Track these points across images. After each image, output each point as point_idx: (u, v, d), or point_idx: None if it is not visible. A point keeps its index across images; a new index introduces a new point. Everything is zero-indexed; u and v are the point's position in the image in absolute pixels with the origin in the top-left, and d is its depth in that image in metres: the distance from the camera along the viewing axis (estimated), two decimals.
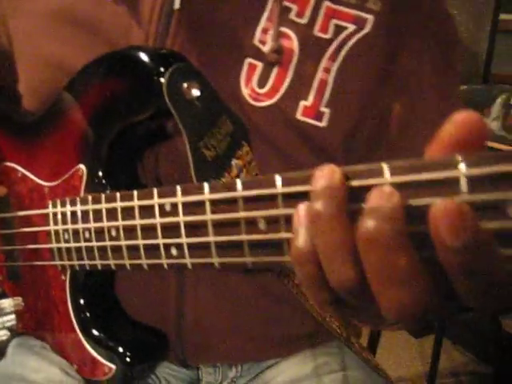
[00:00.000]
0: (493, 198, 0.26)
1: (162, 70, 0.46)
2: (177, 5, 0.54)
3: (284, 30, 0.55)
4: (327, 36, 0.55)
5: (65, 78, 0.56)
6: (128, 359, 0.54)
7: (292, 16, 0.55)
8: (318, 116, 0.55)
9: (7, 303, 0.70)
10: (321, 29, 0.55)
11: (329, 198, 0.29)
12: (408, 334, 2.05)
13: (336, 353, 0.69)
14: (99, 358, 0.56)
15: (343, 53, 0.55)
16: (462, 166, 0.26)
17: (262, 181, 0.35)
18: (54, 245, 0.57)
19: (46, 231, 0.58)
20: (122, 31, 0.56)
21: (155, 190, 0.44)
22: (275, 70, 0.55)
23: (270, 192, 0.35)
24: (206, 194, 0.39)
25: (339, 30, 0.55)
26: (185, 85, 0.46)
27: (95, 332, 0.57)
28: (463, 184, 0.26)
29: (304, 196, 0.32)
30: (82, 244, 0.53)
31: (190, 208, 0.41)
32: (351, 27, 0.55)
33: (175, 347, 0.63)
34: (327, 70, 0.55)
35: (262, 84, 0.55)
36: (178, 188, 0.42)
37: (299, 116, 0.55)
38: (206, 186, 0.39)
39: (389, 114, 0.57)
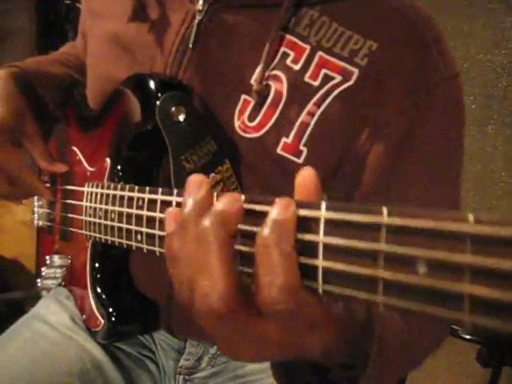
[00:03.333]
0: None
1: (159, 94, 0.58)
2: (190, 44, 0.66)
3: (278, 73, 0.63)
4: (316, 83, 0.62)
5: (112, 89, 0.71)
6: (113, 318, 0.68)
7: (288, 61, 0.63)
8: (297, 153, 0.62)
9: (58, 258, 0.88)
10: (311, 76, 0.62)
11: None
12: (475, 362, 2.00)
13: None
14: (96, 312, 0.70)
15: (328, 100, 0.61)
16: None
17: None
18: (83, 217, 0.72)
19: (82, 206, 0.74)
20: (148, 58, 0.69)
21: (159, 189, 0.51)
22: (265, 108, 0.63)
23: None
24: (159, 194, 0.51)
25: (327, 79, 0.62)
26: (173, 109, 0.57)
27: (99, 291, 0.71)
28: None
29: None
30: (108, 222, 0.65)
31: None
32: (338, 78, 0.61)
33: (165, 317, 0.75)
34: (311, 114, 0.62)
35: (251, 118, 0.64)
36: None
37: (279, 150, 0.63)
38: (159, 190, 0.51)
39: (365, 160, 0.62)
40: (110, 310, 0.68)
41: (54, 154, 0.90)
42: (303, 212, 0.32)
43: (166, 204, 0.49)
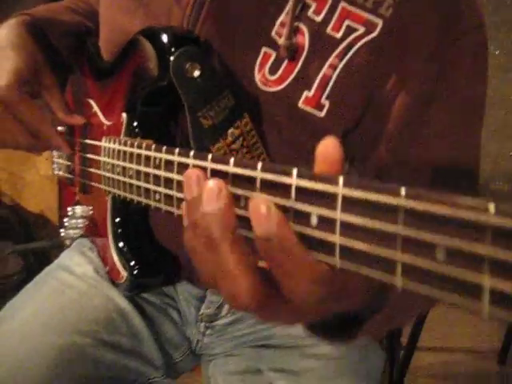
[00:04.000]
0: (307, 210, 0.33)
1: (172, 49, 0.56)
2: None
3: (300, 25, 0.61)
4: (338, 35, 0.60)
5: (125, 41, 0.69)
6: (135, 271, 0.69)
7: (310, 13, 0.61)
8: (319, 106, 0.61)
9: (80, 209, 0.89)
10: (333, 28, 0.60)
11: None
12: None
13: None
14: (119, 265, 0.71)
15: (350, 53, 0.60)
16: None
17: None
18: (102, 172, 0.73)
19: (100, 160, 0.74)
20: (164, 10, 0.66)
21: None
22: (286, 61, 0.61)
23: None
24: (175, 155, 0.50)
25: (350, 30, 0.60)
26: (187, 65, 0.56)
27: (121, 244, 0.72)
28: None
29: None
30: (126, 179, 0.65)
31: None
32: (361, 29, 0.59)
33: (186, 268, 0.76)
34: (333, 67, 0.60)
35: (272, 71, 0.62)
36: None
37: (301, 104, 0.61)
38: (176, 150, 0.50)
39: (389, 111, 0.61)
40: (132, 263, 0.70)
41: (71, 105, 0.90)
42: (320, 186, 0.31)
43: (183, 166, 0.48)
